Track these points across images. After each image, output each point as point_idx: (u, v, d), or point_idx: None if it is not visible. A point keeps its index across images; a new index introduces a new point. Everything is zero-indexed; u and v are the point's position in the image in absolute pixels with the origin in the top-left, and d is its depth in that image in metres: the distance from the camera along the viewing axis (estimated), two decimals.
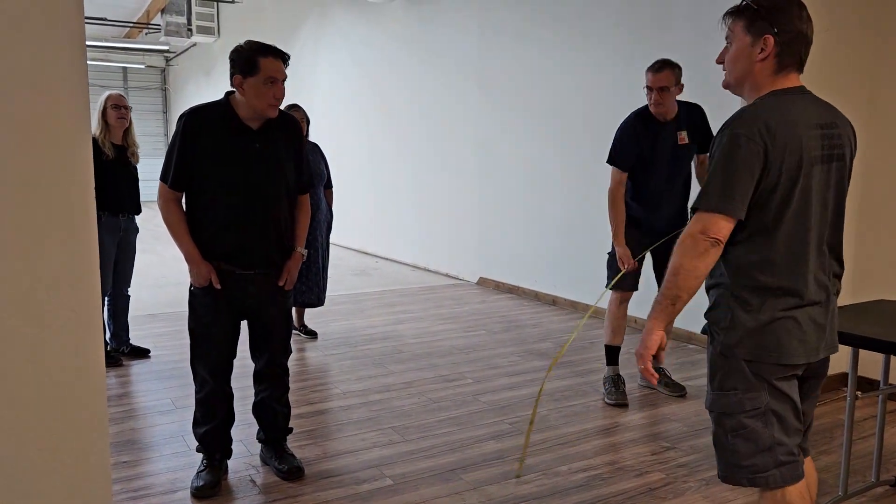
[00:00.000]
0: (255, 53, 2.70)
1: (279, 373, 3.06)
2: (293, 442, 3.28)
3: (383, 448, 3.34)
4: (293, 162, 2.92)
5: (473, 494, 2.90)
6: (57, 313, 1.46)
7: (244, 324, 2.99)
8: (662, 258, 3.97)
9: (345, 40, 9.94)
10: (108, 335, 4.70)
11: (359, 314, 6.11)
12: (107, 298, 4.60)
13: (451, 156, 7.85)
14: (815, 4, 1.86)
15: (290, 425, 3.18)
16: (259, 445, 3.20)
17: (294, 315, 5.15)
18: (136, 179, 4.59)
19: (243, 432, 3.35)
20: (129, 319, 4.79)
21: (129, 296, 4.73)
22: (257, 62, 2.68)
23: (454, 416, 3.76)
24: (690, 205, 3.88)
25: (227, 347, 2.94)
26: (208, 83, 15.20)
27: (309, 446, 3.35)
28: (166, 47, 17.06)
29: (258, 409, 3.10)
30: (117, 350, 4.70)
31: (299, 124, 3.02)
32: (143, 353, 4.78)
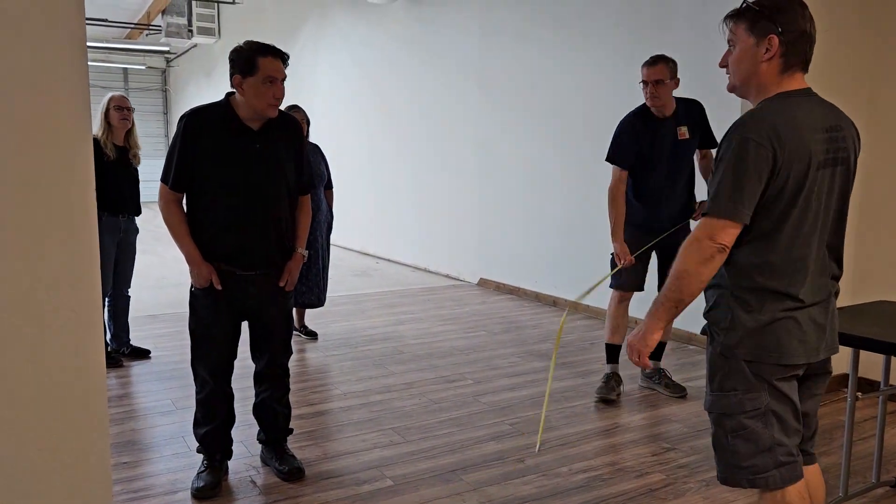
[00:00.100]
0: (253, 53, 2.70)
1: (280, 373, 3.06)
2: (293, 443, 3.28)
3: (384, 449, 3.34)
4: (293, 162, 2.92)
5: (474, 495, 2.90)
6: (57, 313, 1.46)
7: (245, 324, 2.99)
8: (666, 258, 3.97)
9: (345, 41, 9.95)
10: (108, 336, 4.70)
11: (359, 315, 6.11)
12: (107, 299, 4.61)
13: (451, 156, 7.85)
14: (814, 4, 1.86)
15: (291, 426, 3.18)
16: (259, 446, 3.20)
17: (294, 316, 5.15)
18: (136, 180, 4.61)
19: (244, 433, 3.35)
20: (130, 320, 4.79)
21: (130, 296, 4.73)
22: (256, 62, 2.68)
23: (454, 416, 3.76)
24: (698, 201, 3.93)
25: (227, 348, 2.94)
26: (209, 84, 15.21)
27: (309, 447, 3.35)
28: (167, 48, 17.08)
29: (259, 410, 3.11)
30: (118, 351, 4.70)
31: (300, 125, 3.02)
32: (143, 353, 4.78)
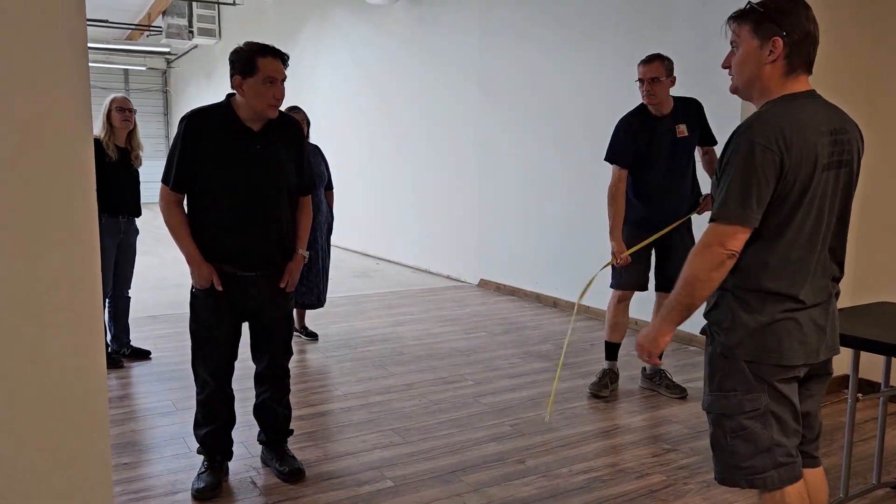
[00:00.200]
0: (253, 54, 2.70)
1: (280, 374, 3.06)
2: (294, 444, 3.28)
3: (384, 450, 3.34)
4: (294, 163, 2.92)
5: (474, 496, 2.90)
6: (57, 313, 1.45)
7: (245, 325, 2.99)
8: (664, 257, 3.97)
9: (345, 41, 9.95)
10: (108, 337, 4.70)
11: (359, 316, 6.10)
12: (107, 300, 4.61)
13: (451, 156, 7.85)
14: (814, 4, 1.85)
15: (291, 427, 3.18)
16: (260, 447, 3.20)
17: (295, 317, 5.16)
18: (137, 182, 4.61)
19: (244, 434, 3.35)
20: (130, 321, 4.79)
21: (130, 297, 4.73)
22: (256, 62, 2.69)
23: (455, 417, 3.76)
24: (700, 199, 3.93)
25: (228, 349, 2.94)
26: (209, 85, 15.21)
27: (310, 448, 3.35)
28: (167, 49, 17.08)
29: (259, 411, 3.11)
30: (118, 352, 4.70)
31: (300, 126, 3.02)
32: (143, 354, 4.78)
